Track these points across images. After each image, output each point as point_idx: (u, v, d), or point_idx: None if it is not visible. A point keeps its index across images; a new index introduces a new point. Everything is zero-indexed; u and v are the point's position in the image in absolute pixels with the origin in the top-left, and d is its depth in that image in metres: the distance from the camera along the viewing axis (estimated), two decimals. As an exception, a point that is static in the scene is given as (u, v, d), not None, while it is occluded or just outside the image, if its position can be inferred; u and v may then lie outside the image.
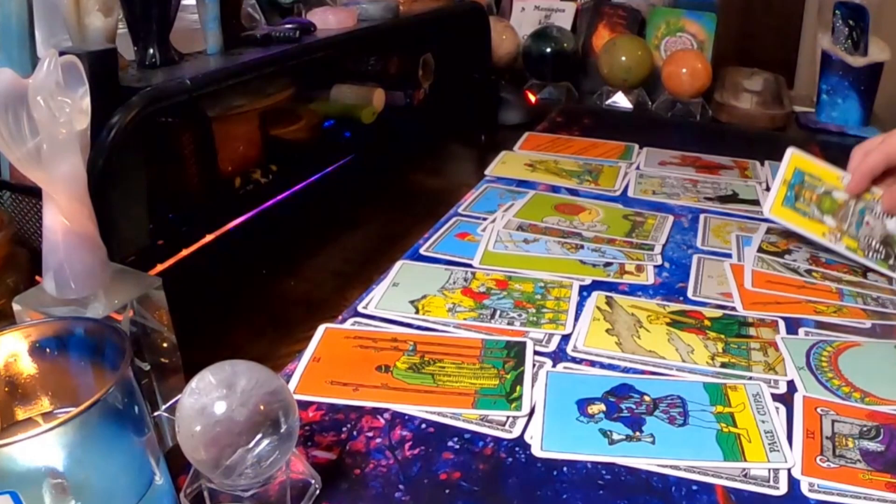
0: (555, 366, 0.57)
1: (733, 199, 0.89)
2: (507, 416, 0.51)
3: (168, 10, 0.64)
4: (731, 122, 1.20)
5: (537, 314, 0.64)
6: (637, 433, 0.50)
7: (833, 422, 0.51)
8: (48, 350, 0.41)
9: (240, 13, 0.75)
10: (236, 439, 0.38)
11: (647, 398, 0.54)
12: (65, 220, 0.43)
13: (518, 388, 0.54)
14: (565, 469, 0.47)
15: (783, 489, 0.46)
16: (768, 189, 0.92)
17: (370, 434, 0.50)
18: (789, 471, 0.47)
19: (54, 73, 0.41)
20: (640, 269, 0.72)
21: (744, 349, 0.60)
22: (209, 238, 0.72)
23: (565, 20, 1.40)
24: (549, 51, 1.27)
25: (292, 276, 0.73)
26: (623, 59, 1.23)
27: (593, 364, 0.58)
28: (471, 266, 0.71)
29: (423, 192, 0.95)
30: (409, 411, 0.52)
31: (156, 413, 0.50)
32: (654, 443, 0.49)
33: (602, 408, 0.52)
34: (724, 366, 0.58)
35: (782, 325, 0.63)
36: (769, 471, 0.47)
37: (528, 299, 0.66)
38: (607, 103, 1.28)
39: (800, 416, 0.52)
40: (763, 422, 0.51)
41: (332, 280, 0.72)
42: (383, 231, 0.83)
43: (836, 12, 1.12)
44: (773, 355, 0.59)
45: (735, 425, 0.51)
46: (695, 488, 0.46)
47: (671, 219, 0.83)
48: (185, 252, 0.69)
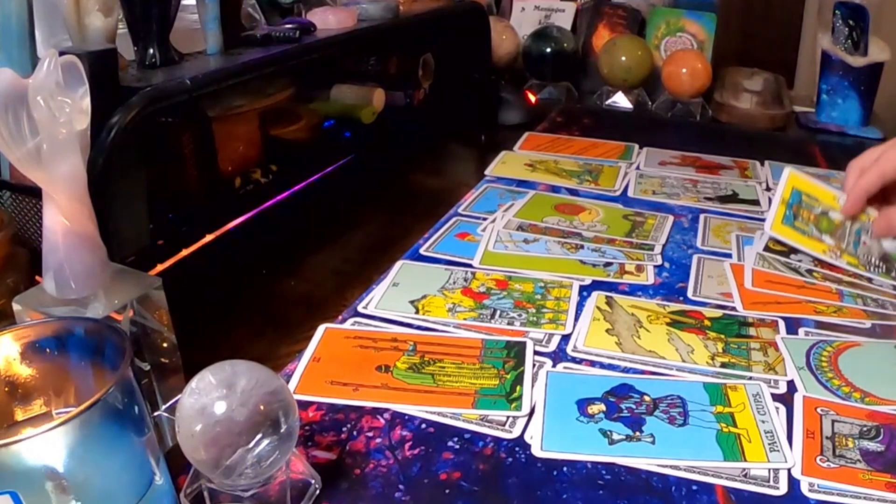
0: (555, 366, 0.57)
1: (733, 199, 0.89)
2: (507, 416, 0.51)
3: (168, 10, 0.64)
4: (731, 122, 1.20)
5: (537, 314, 0.64)
6: (637, 433, 0.50)
7: (833, 422, 0.51)
8: (48, 350, 0.41)
9: (240, 13, 0.75)
10: (236, 439, 0.38)
11: (647, 398, 0.54)
12: (65, 220, 0.43)
13: (518, 388, 0.54)
14: (565, 469, 0.47)
15: (783, 489, 0.46)
16: (768, 189, 0.93)
17: (370, 434, 0.50)
18: (789, 471, 0.47)
19: (54, 73, 0.41)
20: (640, 269, 0.72)
21: (744, 349, 0.60)
22: (209, 238, 0.72)
23: (565, 20, 1.40)
24: (549, 51, 1.27)
25: (292, 276, 0.73)
26: (623, 59, 1.23)
27: (593, 364, 0.58)
28: (471, 266, 0.71)
29: (423, 192, 0.95)
30: (409, 411, 0.52)
31: (156, 413, 0.50)
32: (654, 443, 0.49)
33: (602, 408, 0.52)
34: (724, 366, 0.58)
35: (782, 325, 0.63)
36: (769, 471, 0.47)
37: (528, 299, 0.66)
38: (607, 103, 1.28)
39: (800, 416, 0.52)
40: (763, 422, 0.51)
41: (332, 280, 0.72)
42: (383, 231, 0.83)
43: (836, 12, 1.12)
44: (773, 355, 0.59)
45: (735, 425, 0.51)
46: (695, 488, 0.46)
47: (671, 219, 0.83)
48: (185, 252, 0.69)
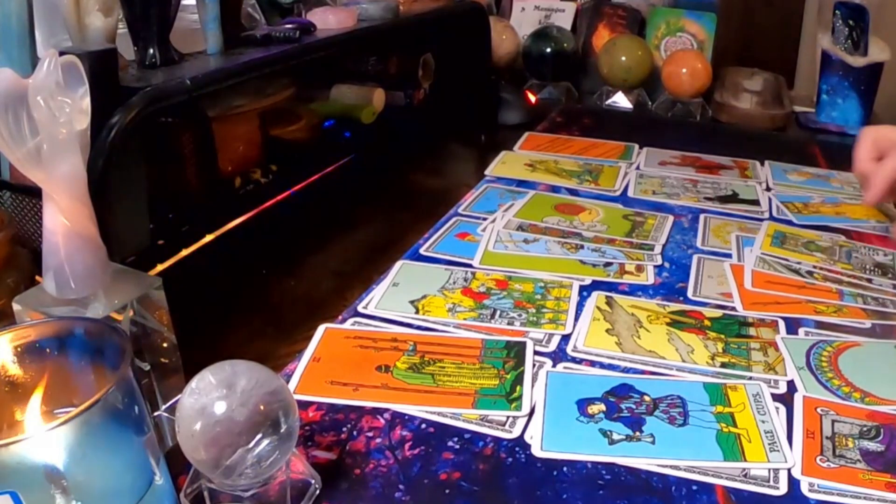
0: (555, 366, 0.57)
1: (733, 199, 0.89)
2: (507, 416, 0.51)
3: (168, 10, 0.64)
4: (731, 122, 1.20)
5: (537, 314, 0.64)
6: (637, 433, 0.50)
7: (833, 422, 0.51)
8: (48, 350, 0.41)
9: (240, 13, 0.75)
10: (236, 439, 0.38)
11: (647, 398, 0.54)
12: (65, 220, 0.43)
13: (518, 388, 0.54)
14: (565, 469, 0.47)
15: (783, 489, 0.46)
16: (769, 189, 0.93)
17: (370, 434, 0.50)
18: (789, 471, 0.47)
19: (54, 73, 0.41)
20: (640, 269, 0.72)
21: (744, 349, 0.60)
22: (209, 238, 0.72)
23: (565, 20, 1.40)
24: (549, 51, 1.27)
25: (292, 276, 0.73)
26: (623, 59, 1.23)
27: (593, 364, 0.58)
28: (471, 266, 0.71)
29: (423, 192, 0.95)
30: (409, 411, 0.52)
31: (156, 413, 0.50)
32: (654, 443, 0.49)
33: (602, 408, 0.52)
34: (724, 366, 0.58)
35: (782, 325, 0.63)
36: (769, 471, 0.47)
37: (528, 299, 0.66)
38: (607, 103, 1.28)
39: (800, 416, 0.52)
40: (763, 422, 0.51)
41: (332, 280, 0.72)
42: (383, 231, 0.83)
43: (836, 12, 1.12)
44: (773, 355, 0.59)
45: (735, 425, 0.51)
46: (695, 488, 0.46)
47: (671, 219, 0.83)
48: (185, 252, 0.69)
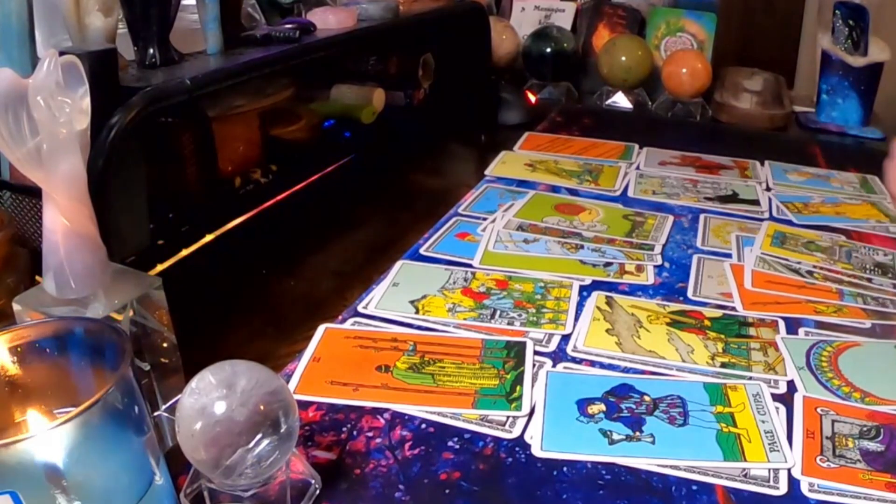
0: (555, 366, 0.57)
1: (733, 199, 0.89)
2: (507, 416, 0.51)
3: (168, 10, 0.64)
4: (731, 122, 1.20)
5: (537, 314, 0.64)
6: (637, 433, 0.50)
7: (833, 422, 0.51)
8: (48, 350, 0.41)
9: (240, 13, 0.75)
10: (236, 439, 0.38)
11: (647, 398, 0.54)
12: (65, 220, 0.43)
13: (518, 388, 0.54)
14: (565, 469, 0.47)
15: (783, 489, 0.46)
16: (769, 189, 0.93)
17: (370, 434, 0.50)
18: (789, 471, 0.47)
19: (54, 73, 0.41)
20: (640, 269, 0.72)
21: (744, 349, 0.60)
22: (209, 238, 0.72)
23: (565, 20, 1.40)
24: (549, 51, 1.27)
25: (292, 276, 0.73)
26: (623, 59, 1.23)
27: (593, 364, 0.58)
28: (471, 266, 0.71)
29: (423, 192, 0.95)
30: (409, 411, 0.52)
31: (156, 413, 0.50)
32: (654, 443, 0.49)
33: (602, 408, 0.52)
34: (724, 366, 0.58)
35: (782, 325, 0.63)
36: (769, 471, 0.47)
37: (528, 299, 0.66)
38: (607, 103, 1.28)
39: (800, 416, 0.52)
40: (763, 422, 0.51)
41: (332, 280, 0.72)
42: (383, 231, 0.83)
43: (836, 12, 1.12)
44: (773, 355, 0.59)
45: (735, 425, 0.51)
46: (695, 488, 0.46)
47: (671, 219, 0.83)
48: (185, 252, 0.69)
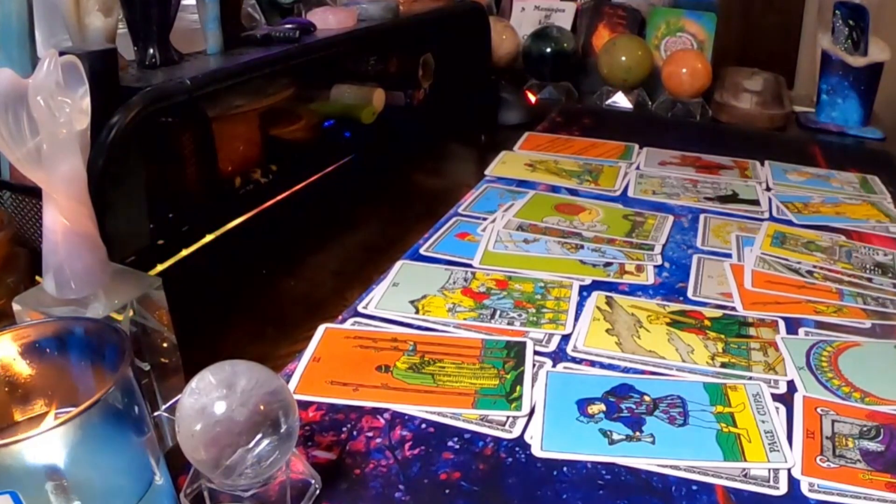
0: (555, 366, 0.57)
1: (733, 199, 0.89)
2: (507, 416, 0.51)
3: (168, 10, 0.64)
4: (731, 122, 1.20)
5: (537, 314, 0.64)
6: (637, 433, 0.50)
7: (833, 422, 0.51)
8: (48, 350, 0.41)
9: (240, 13, 0.75)
10: (236, 439, 0.38)
11: (647, 398, 0.54)
12: (65, 220, 0.43)
13: (518, 388, 0.54)
14: (565, 469, 0.47)
15: (783, 489, 0.46)
16: (769, 189, 0.93)
17: (370, 434, 0.50)
18: (789, 471, 0.47)
19: (54, 73, 0.41)
20: (640, 269, 0.72)
21: (744, 349, 0.60)
22: (209, 238, 0.72)
23: (565, 20, 1.40)
24: (549, 51, 1.27)
25: (292, 276, 0.73)
26: (623, 59, 1.23)
27: (593, 364, 0.58)
28: (471, 266, 0.71)
29: (423, 192, 0.95)
30: (409, 411, 0.52)
31: (156, 413, 0.50)
32: (654, 443, 0.49)
33: (602, 408, 0.52)
34: (724, 366, 0.58)
35: (782, 325, 0.63)
36: (769, 471, 0.47)
37: (528, 299, 0.66)
38: (607, 103, 1.28)
39: (800, 416, 0.52)
40: (763, 422, 0.51)
41: (332, 280, 0.72)
42: (383, 231, 0.83)
43: (836, 12, 1.12)
44: (773, 355, 0.59)
45: (735, 425, 0.51)
46: (695, 488, 0.46)
47: (671, 219, 0.83)
48: (185, 252, 0.69)
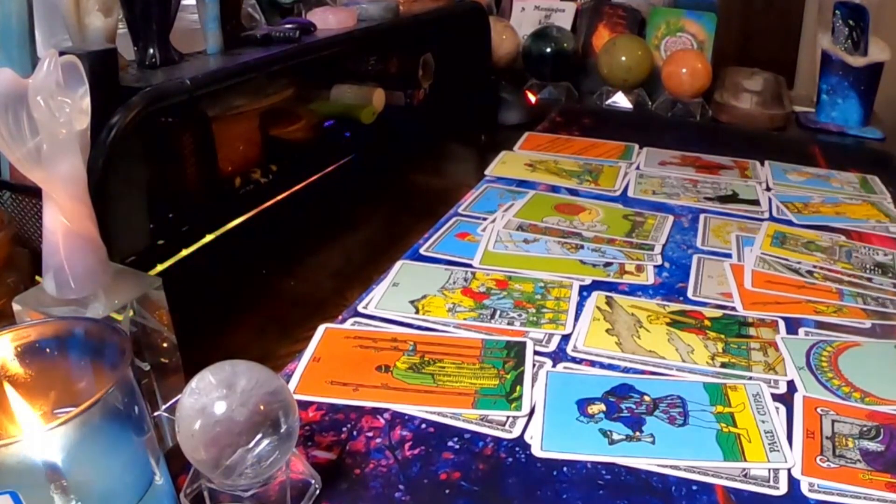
0: (555, 366, 0.57)
1: (733, 199, 0.89)
2: (507, 416, 0.51)
3: (168, 10, 0.64)
4: (731, 122, 1.20)
5: (537, 314, 0.64)
6: (637, 433, 0.50)
7: (833, 422, 0.51)
8: (48, 350, 0.41)
9: (240, 13, 0.75)
10: (236, 439, 0.38)
11: (647, 398, 0.54)
12: (65, 220, 0.43)
13: (518, 388, 0.54)
14: (565, 469, 0.47)
15: (783, 489, 0.46)
16: (769, 189, 0.93)
17: (370, 434, 0.50)
18: (789, 471, 0.47)
19: (54, 73, 0.41)
20: (640, 269, 0.72)
21: (744, 349, 0.60)
22: (209, 238, 0.72)
23: (565, 20, 1.40)
24: (549, 51, 1.27)
25: (292, 276, 0.73)
26: (623, 59, 1.23)
27: (593, 364, 0.58)
28: (471, 266, 0.71)
29: (423, 192, 0.95)
30: (409, 411, 0.52)
31: (156, 413, 0.50)
32: (654, 443, 0.49)
33: (602, 408, 0.52)
34: (724, 366, 0.58)
35: (782, 325, 0.63)
36: (769, 471, 0.47)
37: (528, 299, 0.66)
38: (607, 103, 1.28)
39: (800, 416, 0.52)
40: (763, 422, 0.51)
41: (332, 280, 0.72)
42: (383, 231, 0.83)
43: (836, 12, 1.12)
44: (773, 355, 0.59)
45: (735, 425, 0.51)
46: (695, 488, 0.46)
47: (671, 219, 0.83)
48: (185, 252, 0.69)
